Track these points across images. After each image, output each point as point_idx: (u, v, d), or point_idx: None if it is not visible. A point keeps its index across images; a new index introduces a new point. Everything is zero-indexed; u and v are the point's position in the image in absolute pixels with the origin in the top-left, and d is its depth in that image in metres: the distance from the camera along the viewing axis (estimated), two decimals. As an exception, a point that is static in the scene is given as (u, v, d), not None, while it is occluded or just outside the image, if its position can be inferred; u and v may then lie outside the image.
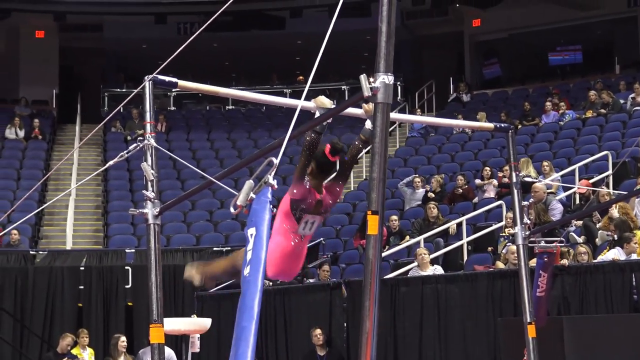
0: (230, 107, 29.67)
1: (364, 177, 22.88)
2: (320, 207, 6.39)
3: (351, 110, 6.49)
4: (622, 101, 23.03)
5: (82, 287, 18.42)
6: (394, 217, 19.43)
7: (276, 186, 3.97)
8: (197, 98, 29.68)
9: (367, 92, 4.16)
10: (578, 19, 27.94)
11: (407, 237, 18.88)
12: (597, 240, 15.54)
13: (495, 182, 19.68)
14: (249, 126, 27.81)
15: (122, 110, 24.80)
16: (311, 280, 17.70)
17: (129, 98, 7.93)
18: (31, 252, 19.88)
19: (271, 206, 3.94)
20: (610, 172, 18.94)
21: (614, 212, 15.22)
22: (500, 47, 30.05)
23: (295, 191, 6.25)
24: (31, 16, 28.03)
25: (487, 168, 20.65)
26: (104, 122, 10.84)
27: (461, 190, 20.60)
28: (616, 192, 16.69)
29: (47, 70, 29.42)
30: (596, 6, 27.36)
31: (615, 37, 28.47)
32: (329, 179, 6.46)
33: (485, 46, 30.22)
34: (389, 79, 4.13)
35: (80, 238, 22.84)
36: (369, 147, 5.25)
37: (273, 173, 3.96)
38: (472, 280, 14.93)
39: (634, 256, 14.11)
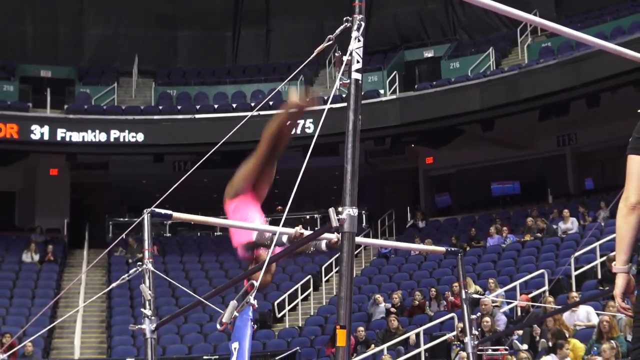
0: (219, 233, 29.62)
1: (334, 294, 22.76)
2: None
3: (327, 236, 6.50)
4: (554, 227, 23.18)
5: (88, 392, 18.19)
6: (361, 329, 19.34)
7: (256, 305, 3.96)
8: (189, 226, 29.63)
9: (335, 223, 4.18)
10: (515, 157, 28.27)
11: (372, 346, 18.77)
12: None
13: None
14: (235, 250, 27.68)
15: (124, 238, 24.79)
16: (289, 385, 17.52)
17: (131, 228, 7.90)
18: (43, 362, 19.66)
19: (252, 323, 3.93)
20: (546, 287, 18.97)
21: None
22: (450, 181, 30.30)
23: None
24: (46, 157, 28.12)
25: (433, 289, 20.84)
26: (108, 248, 10.76)
27: (418, 304, 20.61)
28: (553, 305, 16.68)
29: (60, 202, 29.42)
30: (530, 146, 27.72)
31: (548, 172, 28.79)
32: None
33: (437, 180, 30.46)
34: (354, 211, 4.16)
35: (86, 349, 22.55)
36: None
37: (254, 294, 3.95)
38: (430, 384, 14.84)
39: (568, 360, 14.11)
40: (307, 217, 28.98)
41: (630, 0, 28.39)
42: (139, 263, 6.27)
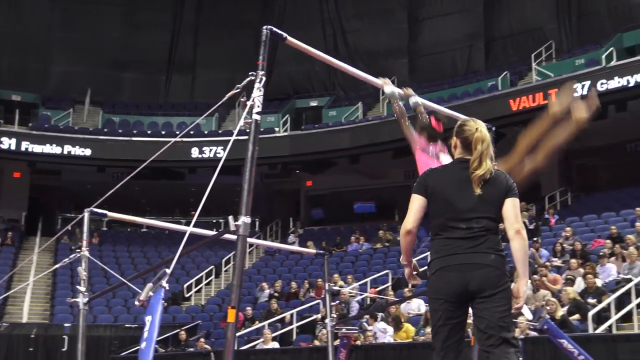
0: (144, 229, 29.12)
1: (230, 281, 22.59)
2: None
3: (227, 237, 6.40)
4: (398, 238, 23.45)
5: (31, 349, 17.56)
6: (249, 308, 19.25)
7: (167, 288, 3.90)
8: (121, 222, 29.00)
9: (233, 228, 4.16)
10: (373, 184, 28.62)
11: (257, 322, 18.67)
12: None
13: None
14: (156, 243, 27.33)
15: (70, 229, 24.12)
16: (191, 349, 17.27)
17: (74, 222, 7.71)
18: (-3, 324, 18.97)
19: (163, 301, 3.86)
20: (390, 284, 19.20)
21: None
22: (323, 199, 30.45)
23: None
24: (12, 162, 27.26)
25: (306, 280, 20.89)
26: (56, 236, 10.53)
27: (294, 291, 20.62)
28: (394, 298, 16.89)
29: (20, 199, 28.48)
30: (385, 177, 28.10)
31: (396, 196, 29.13)
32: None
33: (314, 199, 30.58)
34: (247, 219, 4.15)
35: (33, 315, 21.83)
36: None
37: (166, 279, 3.89)
38: (299, 353, 14.82)
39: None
40: (214, 221, 28.72)
41: (463, 74, 29.20)
42: (78, 250, 6.14)
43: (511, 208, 4.22)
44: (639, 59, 20.54)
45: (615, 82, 20.00)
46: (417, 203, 4.44)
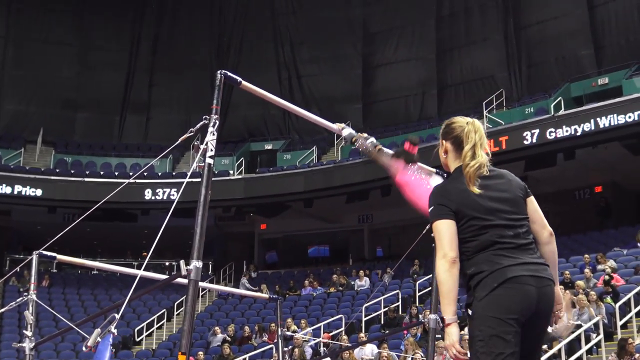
0: (95, 272, 28.61)
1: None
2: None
3: (179, 281, 6.32)
4: (352, 283, 23.46)
5: (-25, 394, 17.04)
6: (200, 353, 18.94)
7: (116, 333, 3.82)
8: (72, 265, 28.45)
9: (184, 272, 4.10)
10: (327, 228, 28.62)
11: (209, 367, 18.40)
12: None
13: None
14: (107, 286, 26.84)
15: (18, 271, 23.58)
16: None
17: (22, 264, 7.55)
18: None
19: (111, 347, 3.78)
20: (343, 329, 19.10)
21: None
22: (277, 243, 30.32)
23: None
24: (-40, 202, 26.65)
25: (257, 325, 20.66)
26: (3, 278, 10.29)
27: (247, 335, 20.37)
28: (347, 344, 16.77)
29: (-35, 239, 27.86)
30: (338, 221, 28.15)
31: (350, 241, 29.24)
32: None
33: (268, 242, 30.44)
34: (199, 264, 4.10)
35: (-23, 359, 21.18)
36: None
37: (115, 324, 3.81)
38: (250, 398, 14.61)
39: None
40: (167, 263, 28.38)
41: (416, 121, 29.57)
42: (25, 293, 6.00)
43: (538, 209, 3.84)
44: (585, 108, 21.04)
45: (564, 131, 20.43)
46: (450, 227, 3.55)
